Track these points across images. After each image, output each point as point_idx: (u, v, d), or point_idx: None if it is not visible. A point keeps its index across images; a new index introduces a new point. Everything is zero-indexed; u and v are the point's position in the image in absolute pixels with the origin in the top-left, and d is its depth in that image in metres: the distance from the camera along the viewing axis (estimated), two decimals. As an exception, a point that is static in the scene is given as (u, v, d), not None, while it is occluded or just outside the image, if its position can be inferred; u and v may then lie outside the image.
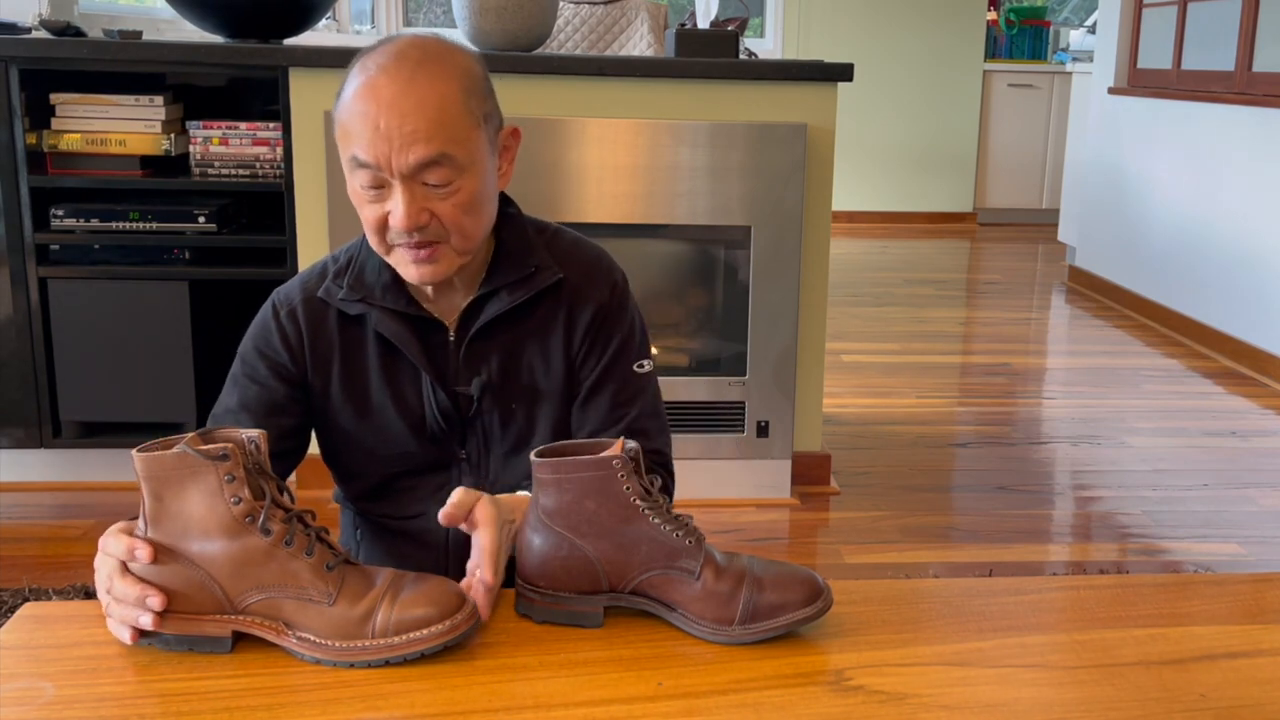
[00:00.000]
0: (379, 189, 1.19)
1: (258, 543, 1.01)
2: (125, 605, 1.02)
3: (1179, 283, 4.86)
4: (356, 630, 1.00)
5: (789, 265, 2.84)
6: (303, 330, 1.31)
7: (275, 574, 1.01)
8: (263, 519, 1.01)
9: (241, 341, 1.34)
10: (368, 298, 1.29)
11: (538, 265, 1.31)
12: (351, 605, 1.01)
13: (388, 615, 1.00)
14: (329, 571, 1.02)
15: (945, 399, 3.92)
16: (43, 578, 2.45)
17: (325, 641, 1.00)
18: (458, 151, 1.18)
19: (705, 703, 0.96)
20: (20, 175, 2.75)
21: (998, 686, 1.00)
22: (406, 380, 1.31)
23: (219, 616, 1.02)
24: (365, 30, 6.68)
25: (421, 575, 1.05)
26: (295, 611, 1.01)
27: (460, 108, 1.18)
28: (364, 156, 1.17)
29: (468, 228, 1.22)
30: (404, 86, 1.16)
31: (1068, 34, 8.05)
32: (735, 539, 2.77)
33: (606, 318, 1.34)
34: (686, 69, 2.78)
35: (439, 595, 1.02)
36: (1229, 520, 2.94)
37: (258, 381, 1.31)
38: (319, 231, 2.79)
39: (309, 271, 1.35)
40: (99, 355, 2.84)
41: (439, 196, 1.19)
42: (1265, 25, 4.45)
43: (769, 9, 7.31)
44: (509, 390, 1.33)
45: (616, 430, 1.32)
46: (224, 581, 1.01)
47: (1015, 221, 7.64)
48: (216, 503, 1.00)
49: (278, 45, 2.81)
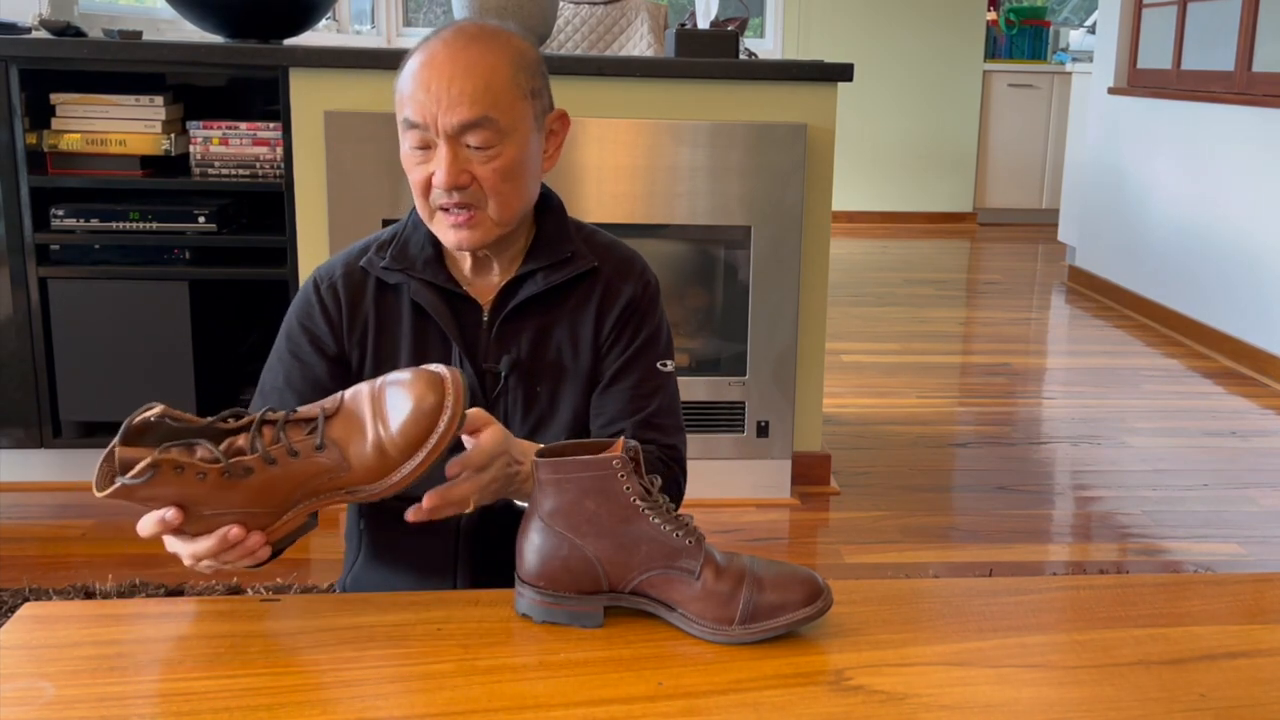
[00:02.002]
0: (426, 149, 1.25)
1: (249, 482, 1.02)
2: (187, 558, 1.08)
3: (1179, 283, 4.86)
4: (381, 466, 1.03)
5: (789, 265, 2.84)
6: (342, 302, 1.34)
7: (288, 485, 1.04)
8: (232, 469, 1.01)
9: (285, 318, 1.37)
10: (408, 269, 1.33)
11: (574, 252, 1.35)
12: (361, 452, 1.03)
13: (392, 439, 1.03)
14: (322, 451, 1.03)
15: (945, 399, 3.92)
16: (43, 578, 2.45)
17: (373, 487, 1.04)
18: (501, 117, 1.24)
19: (705, 703, 0.96)
20: (20, 175, 2.76)
21: (998, 686, 1.00)
22: (435, 355, 1.33)
23: (282, 519, 1.06)
24: (365, 30, 6.68)
25: (395, 376, 1.06)
26: (331, 485, 1.04)
27: (508, 78, 1.25)
28: (413, 116, 1.24)
29: (506, 194, 1.26)
30: (457, 54, 1.24)
31: (1068, 34, 8.05)
32: (735, 539, 2.77)
33: (636, 310, 1.37)
34: (686, 69, 2.78)
35: (419, 389, 1.03)
36: (1229, 520, 2.94)
37: (300, 358, 1.34)
38: (319, 231, 2.79)
39: (352, 247, 1.39)
40: (99, 355, 2.84)
41: (480, 159, 1.24)
42: (1265, 25, 4.45)
43: (769, 9, 7.31)
44: (536, 371, 1.35)
45: (634, 421, 1.34)
46: (260, 509, 1.04)
47: (1015, 221, 7.64)
48: (189, 485, 1.01)
49: (278, 45, 2.81)
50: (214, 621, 1.09)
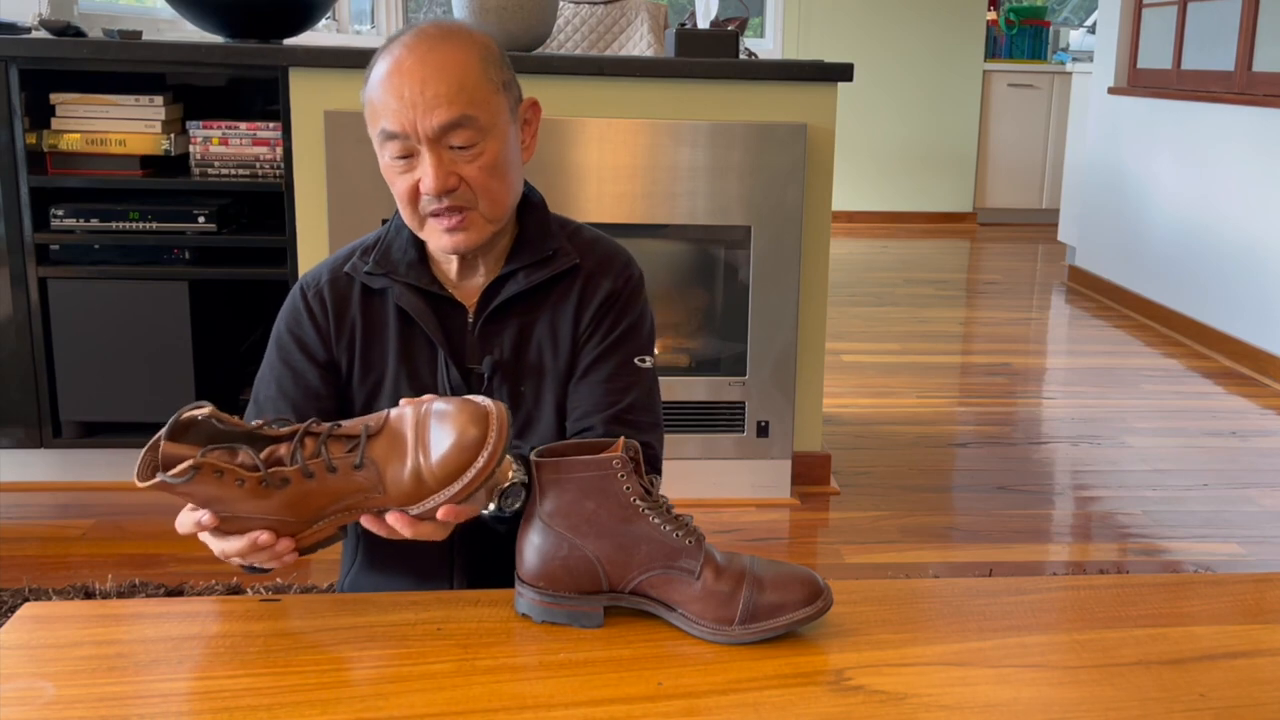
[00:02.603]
0: (408, 158, 1.24)
1: (285, 494, 1.04)
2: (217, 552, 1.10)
3: (1179, 283, 4.86)
4: (416, 493, 1.04)
5: (789, 265, 2.84)
6: (328, 309, 1.34)
7: (323, 499, 1.06)
8: (269, 479, 1.04)
9: (274, 327, 1.37)
10: (392, 273, 1.32)
11: (556, 250, 1.34)
12: (398, 477, 1.04)
13: (431, 468, 1.04)
14: (360, 470, 1.05)
15: (945, 399, 3.92)
16: (43, 578, 2.45)
17: (405, 511, 1.06)
18: (480, 113, 1.23)
19: (705, 703, 0.96)
20: (20, 175, 2.76)
21: (998, 686, 1.00)
22: (422, 359, 1.33)
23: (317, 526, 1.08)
24: (365, 30, 6.67)
25: (440, 404, 1.07)
26: (364, 504, 1.06)
27: (479, 74, 1.24)
28: (391, 127, 1.22)
29: (495, 190, 1.26)
30: (424, 56, 1.22)
31: (1068, 34, 8.05)
32: (735, 539, 2.77)
33: (616, 303, 1.36)
34: (686, 69, 2.78)
35: (464, 421, 1.04)
36: (1229, 520, 2.94)
37: (292, 366, 1.33)
38: (319, 231, 2.79)
39: (338, 253, 1.39)
40: (99, 355, 2.84)
41: (465, 159, 1.24)
42: (1265, 25, 4.45)
43: (769, 9, 7.31)
44: (519, 370, 1.35)
45: (606, 415, 1.32)
46: (291, 518, 1.06)
47: (1015, 221, 7.64)
48: (227, 491, 1.03)
49: (278, 45, 2.81)
50: (214, 621, 1.09)
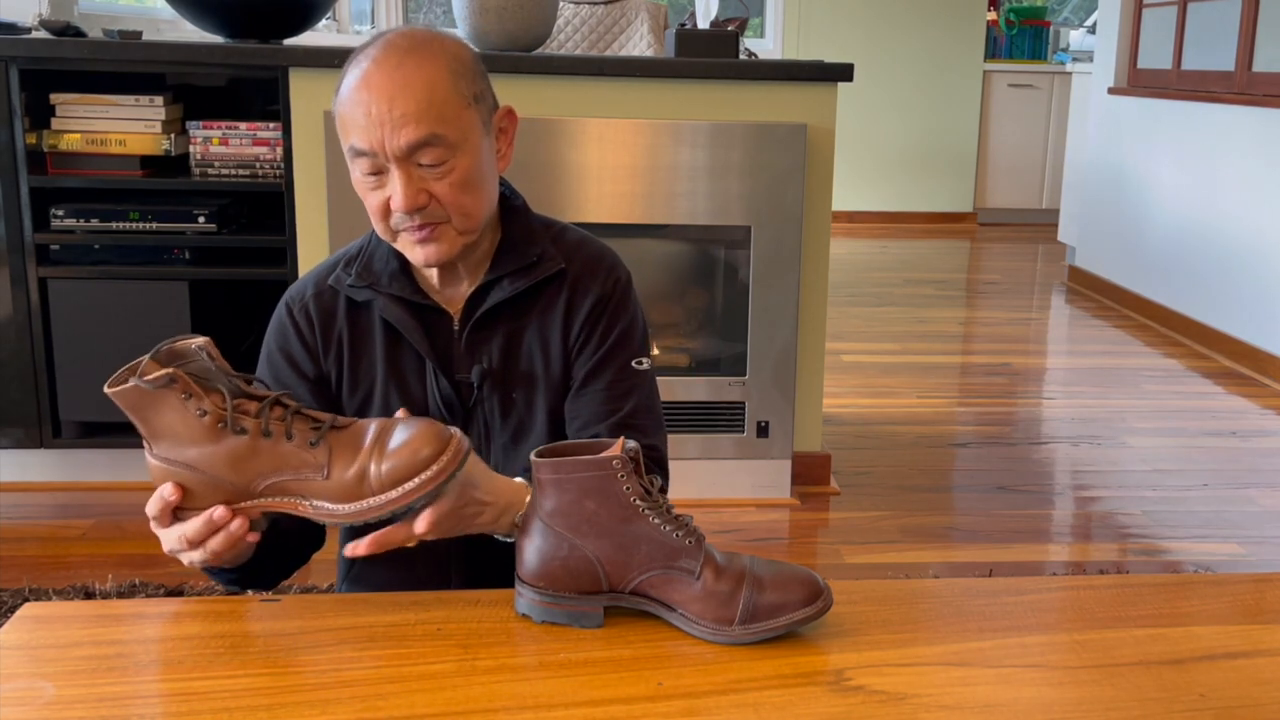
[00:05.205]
0: (378, 175, 1.23)
1: (238, 443, 1.04)
2: (176, 541, 1.09)
3: (1179, 283, 4.86)
4: (356, 491, 1.04)
5: (789, 265, 2.84)
6: (314, 323, 1.33)
7: (268, 462, 1.05)
8: (231, 421, 1.04)
9: (263, 344, 1.37)
10: (375, 284, 1.31)
11: (540, 255, 1.33)
12: (345, 469, 1.05)
13: (379, 471, 1.04)
14: (314, 447, 1.05)
15: (945, 399, 3.92)
16: (43, 578, 2.45)
17: (337, 507, 1.05)
18: (448, 131, 1.21)
19: (705, 703, 0.96)
20: (20, 175, 2.76)
21: (998, 686, 1.00)
22: (410, 369, 1.32)
23: (242, 504, 1.07)
24: (365, 30, 6.67)
25: (406, 420, 1.08)
26: (301, 487, 1.06)
27: (448, 89, 1.22)
28: (360, 144, 1.22)
29: (467, 206, 1.24)
30: (392, 73, 1.20)
31: (1068, 34, 8.05)
32: (735, 539, 2.77)
33: (606, 308, 1.34)
34: (686, 69, 2.78)
35: (421, 438, 1.04)
36: (1229, 520, 2.94)
37: (282, 383, 1.33)
38: (319, 231, 2.79)
39: (320, 266, 1.38)
40: (99, 355, 2.84)
41: (435, 176, 1.22)
42: (1265, 25, 4.45)
43: (769, 9, 7.31)
44: (508, 378, 1.34)
45: (610, 423, 1.32)
46: (229, 476, 1.06)
47: (1015, 221, 7.64)
48: (187, 418, 1.04)
49: (278, 45, 2.81)
50: (214, 621, 1.09)
